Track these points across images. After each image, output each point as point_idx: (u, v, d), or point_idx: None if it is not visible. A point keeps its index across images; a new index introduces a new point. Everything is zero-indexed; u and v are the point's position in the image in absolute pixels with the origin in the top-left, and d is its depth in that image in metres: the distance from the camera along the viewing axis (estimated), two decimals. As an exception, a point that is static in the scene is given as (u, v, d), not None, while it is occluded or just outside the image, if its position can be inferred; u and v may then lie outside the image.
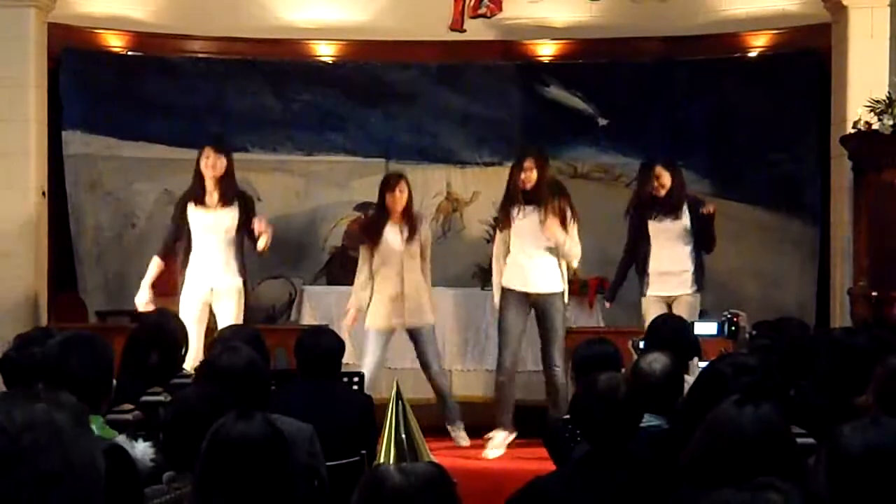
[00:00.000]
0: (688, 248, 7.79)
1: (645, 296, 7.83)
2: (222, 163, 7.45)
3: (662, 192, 7.75)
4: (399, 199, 7.71)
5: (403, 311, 7.70)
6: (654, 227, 7.81)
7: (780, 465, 2.78)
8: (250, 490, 2.69)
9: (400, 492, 2.35)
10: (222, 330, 5.49)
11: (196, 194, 7.44)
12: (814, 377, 4.19)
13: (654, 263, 7.78)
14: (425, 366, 7.81)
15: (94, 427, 3.54)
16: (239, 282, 7.46)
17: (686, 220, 7.78)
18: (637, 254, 7.87)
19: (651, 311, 7.52)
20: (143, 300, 7.41)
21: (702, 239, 7.83)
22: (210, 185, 7.42)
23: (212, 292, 7.41)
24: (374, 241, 7.71)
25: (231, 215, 7.45)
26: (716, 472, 2.83)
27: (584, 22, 10.06)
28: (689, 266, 7.78)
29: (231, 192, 7.47)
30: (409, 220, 7.75)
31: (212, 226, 7.43)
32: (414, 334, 7.78)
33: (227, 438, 2.74)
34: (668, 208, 7.76)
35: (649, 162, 8.07)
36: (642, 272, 7.86)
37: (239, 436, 2.74)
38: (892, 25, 8.38)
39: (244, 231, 7.44)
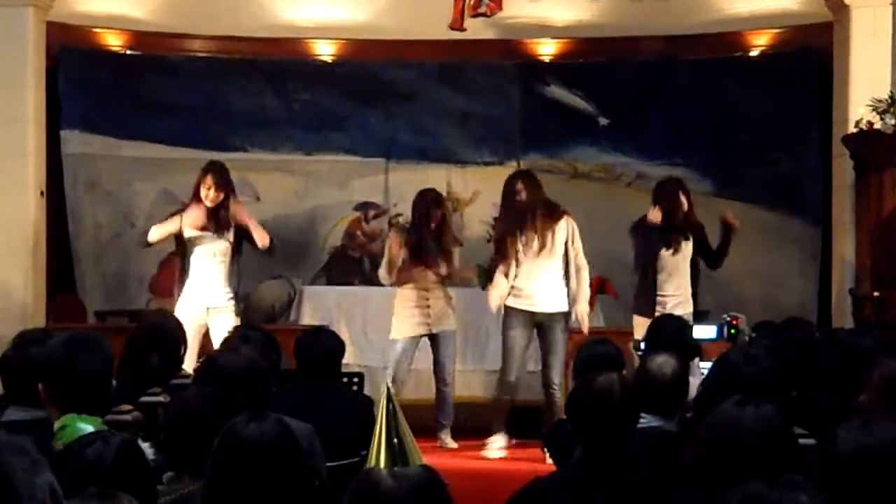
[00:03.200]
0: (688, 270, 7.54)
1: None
2: (219, 196, 7.38)
3: (680, 216, 7.49)
4: (442, 225, 7.75)
5: (429, 319, 7.75)
6: (668, 252, 7.50)
7: (782, 466, 2.76)
8: (262, 491, 2.68)
9: (392, 495, 2.34)
10: (234, 329, 5.45)
11: (193, 214, 7.40)
12: (817, 378, 4.17)
13: (669, 287, 7.48)
14: (438, 369, 7.85)
15: (92, 428, 3.52)
16: (232, 303, 7.43)
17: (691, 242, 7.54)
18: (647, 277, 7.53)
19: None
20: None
21: (715, 253, 7.58)
22: (207, 210, 7.39)
23: (207, 312, 7.39)
24: (415, 257, 7.70)
25: (224, 242, 7.42)
26: (717, 473, 2.82)
27: (584, 21, 10.05)
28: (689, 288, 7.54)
29: (227, 222, 7.41)
30: (446, 235, 7.79)
31: (205, 249, 7.41)
32: (435, 338, 7.83)
33: (240, 439, 2.73)
34: (685, 231, 7.53)
35: (669, 185, 7.67)
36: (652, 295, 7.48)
37: (251, 436, 2.72)
38: (894, 24, 8.36)
39: (238, 259, 7.45)
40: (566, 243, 7.60)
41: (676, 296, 7.44)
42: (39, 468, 1.66)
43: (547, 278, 7.59)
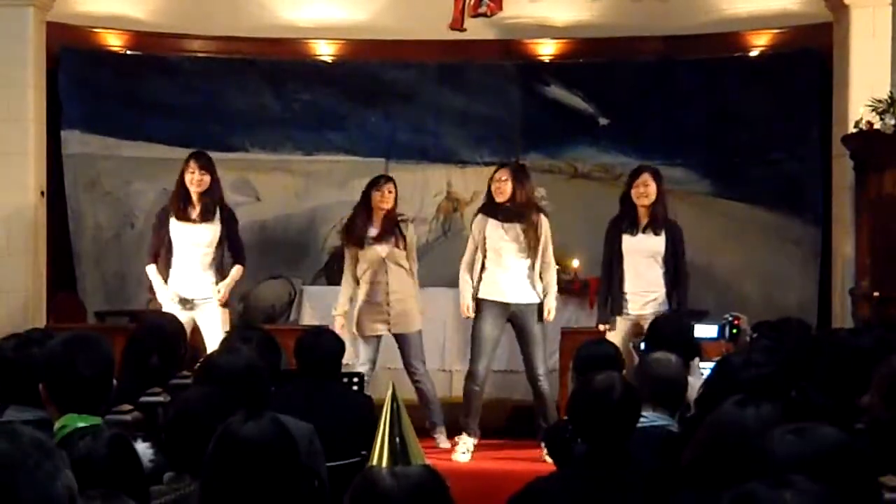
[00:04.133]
0: (661, 270, 7.34)
1: (621, 315, 7.35)
2: (206, 179, 7.38)
3: (645, 202, 7.34)
4: (387, 199, 7.71)
5: (389, 318, 7.70)
6: (628, 241, 7.39)
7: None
8: (258, 490, 2.68)
9: (391, 494, 2.35)
10: (234, 329, 5.46)
11: (178, 207, 7.39)
12: (817, 378, 4.17)
13: (630, 285, 7.35)
14: (409, 370, 7.81)
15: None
16: (209, 293, 7.42)
17: (663, 238, 7.35)
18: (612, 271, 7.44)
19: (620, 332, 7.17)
20: (168, 306, 7.36)
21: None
22: (193, 198, 7.39)
23: (192, 304, 7.37)
24: (357, 245, 7.69)
25: (212, 230, 7.40)
26: (718, 473, 2.82)
27: (584, 21, 10.04)
28: (661, 289, 7.34)
29: (213, 208, 7.41)
30: (394, 224, 7.74)
31: (193, 240, 7.38)
32: (399, 339, 7.80)
33: (236, 438, 2.72)
34: (648, 222, 7.36)
35: (639, 167, 7.65)
36: (618, 292, 7.38)
37: (247, 436, 2.72)
38: (893, 25, 8.35)
39: (226, 246, 7.43)
40: (541, 240, 7.59)
41: (642, 294, 7.32)
42: (61, 470, 1.66)
43: (520, 271, 7.59)
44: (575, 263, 8.68)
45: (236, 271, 7.48)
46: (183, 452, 3.18)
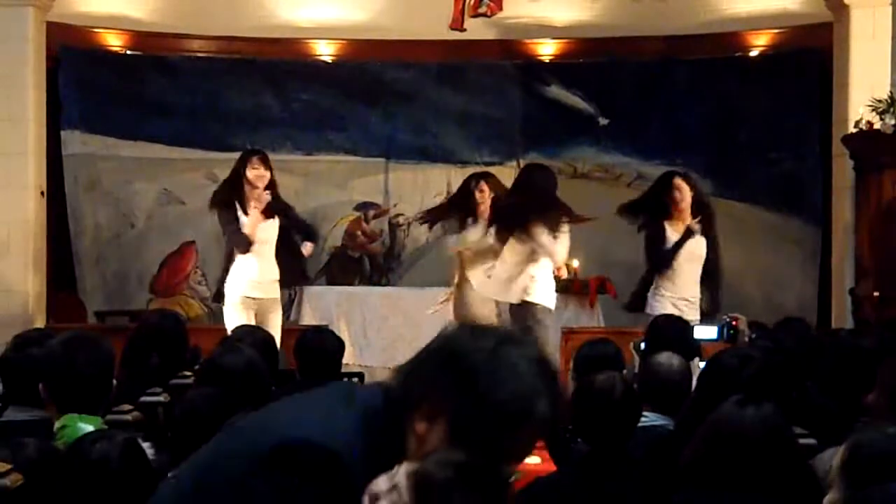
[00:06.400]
0: (698, 274, 7.14)
1: None
2: (268, 176, 7.32)
3: (680, 206, 7.14)
4: (484, 198, 7.50)
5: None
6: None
7: (781, 466, 2.76)
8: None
9: None
10: (234, 330, 5.47)
11: (242, 204, 7.27)
12: (818, 378, 4.17)
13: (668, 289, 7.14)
14: None
15: (92, 427, 3.52)
16: (278, 292, 7.39)
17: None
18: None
19: None
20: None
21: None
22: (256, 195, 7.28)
23: (255, 302, 7.25)
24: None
25: (273, 226, 7.30)
26: (717, 473, 2.82)
27: (584, 21, 10.05)
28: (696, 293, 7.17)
29: (273, 204, 7.36)
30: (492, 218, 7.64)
31: (261, 236, 7.27)
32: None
33: None
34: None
35: (671, 172, 7.50)
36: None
37: None
38: (894, 25, 8.37)
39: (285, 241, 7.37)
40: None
41: (679, 300, 7.12)
42: None
43: (507, 271, 7.43)
44: (575, 263, 8.68)
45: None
46: (188, 452, 3.18)
